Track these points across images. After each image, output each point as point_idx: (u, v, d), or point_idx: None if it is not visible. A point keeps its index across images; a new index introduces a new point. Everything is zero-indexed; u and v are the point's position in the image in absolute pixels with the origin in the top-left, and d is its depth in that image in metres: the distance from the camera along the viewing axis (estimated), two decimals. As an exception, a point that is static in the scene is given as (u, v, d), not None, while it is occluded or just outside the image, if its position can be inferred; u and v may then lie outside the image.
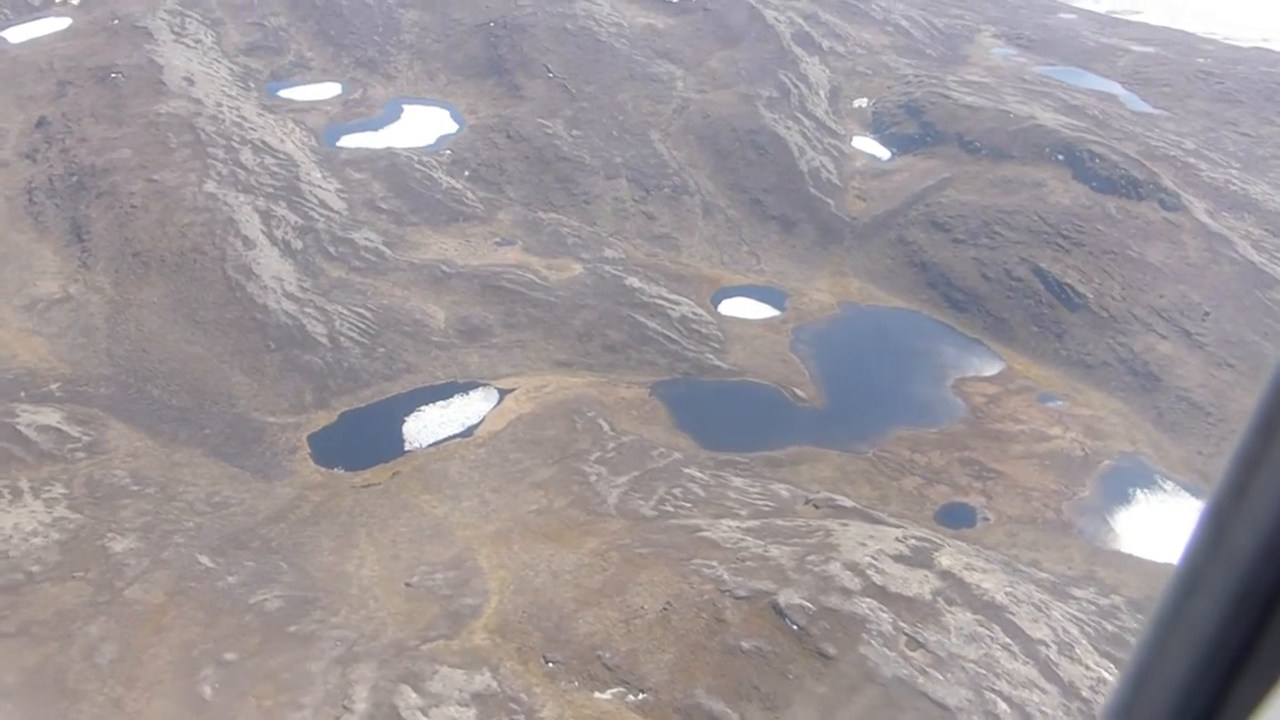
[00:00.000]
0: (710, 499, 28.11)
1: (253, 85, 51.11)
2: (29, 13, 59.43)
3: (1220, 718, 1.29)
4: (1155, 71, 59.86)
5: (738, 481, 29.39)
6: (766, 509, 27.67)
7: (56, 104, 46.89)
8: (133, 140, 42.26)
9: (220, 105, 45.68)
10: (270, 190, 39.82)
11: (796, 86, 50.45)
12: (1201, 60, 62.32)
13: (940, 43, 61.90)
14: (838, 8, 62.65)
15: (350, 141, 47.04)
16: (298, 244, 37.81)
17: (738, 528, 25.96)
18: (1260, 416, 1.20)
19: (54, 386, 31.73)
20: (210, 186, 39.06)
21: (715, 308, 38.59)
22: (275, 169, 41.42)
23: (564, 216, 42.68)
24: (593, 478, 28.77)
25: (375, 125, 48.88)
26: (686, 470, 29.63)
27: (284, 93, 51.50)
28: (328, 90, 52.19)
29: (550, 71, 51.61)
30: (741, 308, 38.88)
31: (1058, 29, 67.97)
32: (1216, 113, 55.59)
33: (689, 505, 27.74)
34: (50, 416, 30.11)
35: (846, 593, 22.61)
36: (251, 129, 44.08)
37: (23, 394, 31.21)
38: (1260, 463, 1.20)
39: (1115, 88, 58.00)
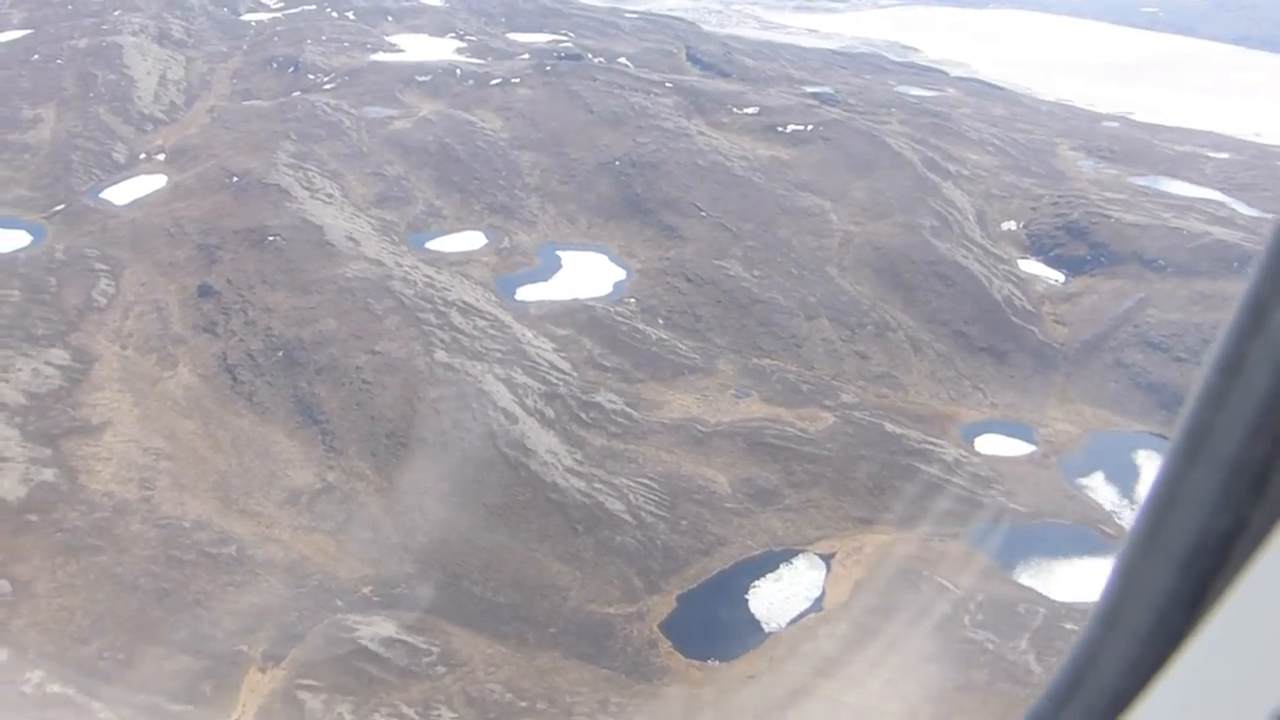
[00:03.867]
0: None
1: (396, 239, 50.84)
2: (117, 171, 58.62)
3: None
4: (1246, 177, 64.20)
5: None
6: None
7: (212, 271, 45.90)
8: (330, 309, 41.43)
9: (399, 265, 45.30)
10: (499, 355, 39.32)
11: (950, 213, 52.57)
12: (1279, 163, 67.22)
13: (1034, 159, 65.45)
14: (936, 130, 65.92)
15: (528, 294, 46.95)
16: (549, 412, 37.24)
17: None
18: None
19: (366, 591, 30.20)
20: (441, 356, 38.39)
21: (972, 446, 39.14)
22: (491, 331, 41.00)
23: (780, 362, 43.07)
24: (989, 645, 28.49)
25: (543, 275, 48.95)
26: (1064, 625, 29.60)
27: (430, 245, 51.32)
28: (472, 240, 52.23)
29: (702, 210, 52.72)
30: (994, 444, 39.51)
31: (1128, 139, 72.60)
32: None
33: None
34: (385, 627, 28.58)
35: None
36: (445, 289, 43.73)
37: (339, 603, 29.60)
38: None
39: (1217, 194, 61.89)
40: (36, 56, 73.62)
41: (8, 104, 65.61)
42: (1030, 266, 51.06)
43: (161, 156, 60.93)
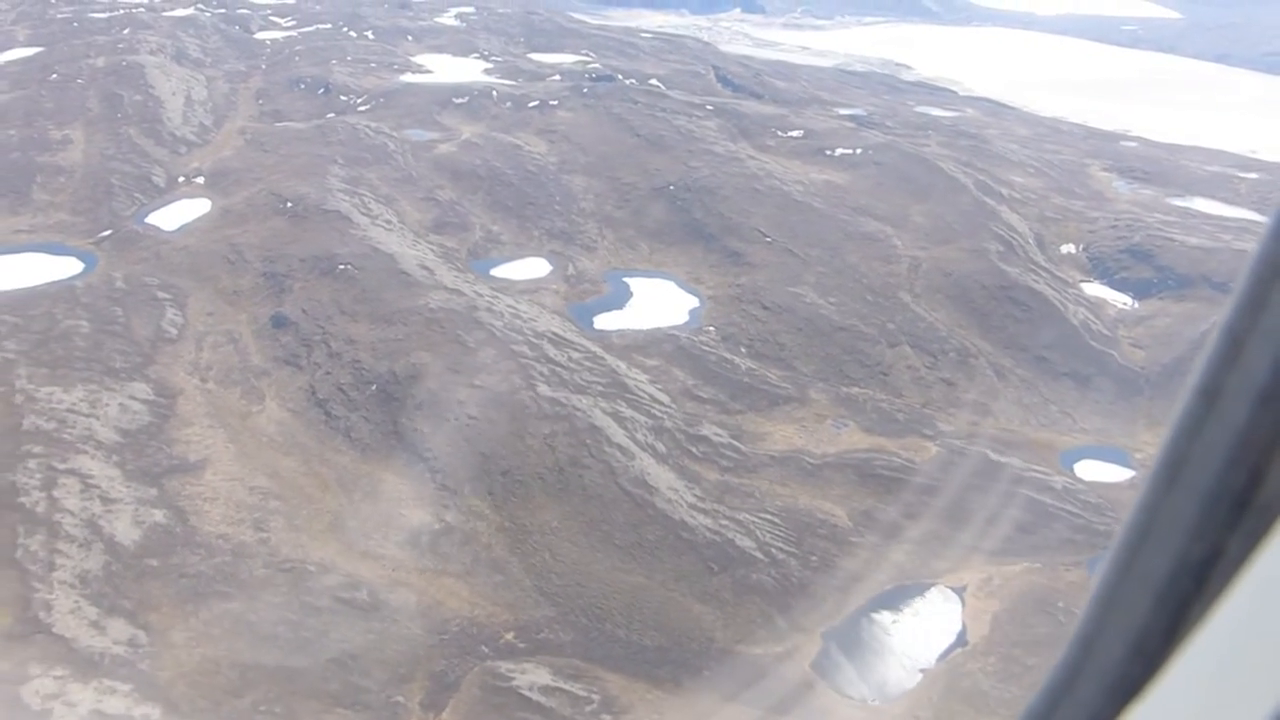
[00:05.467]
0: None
1: (460, 266, 50.32)
2: (158, 195, 57.57)
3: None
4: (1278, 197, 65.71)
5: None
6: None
7: (283, 300, 45.14)
8: (420, 341, 40.85)
9: (479, 294, 44.80)
10: (601, 389, 38.99)
11: (1012, 237, 53.16)
12: (1307, 184, 68.91)
13: (1073, 181, 66.48)
14: (975, 152, 66.72)
15: (605, 323, 46.63)
16: (660, 447, 36.97)
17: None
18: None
19: (510, 636, 29.66)
20: (545, 390, 37.96)
21: (1073, 473, 39.47)
22: (586, 363, 40.65)
23: (869, 390, 43.15)
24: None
25: (616, 304, 48.66)
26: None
27: (494, 272, 50.83)
28: (536, 267, 51.80)
29: (766, 236, 52.81)
30: (1094, 470, 39.87)
31: (1154, 159, 74.01)
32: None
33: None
34: (539, 674, 28.10)
35: None
36: (531, 319, 43.33)
37: (485, 649, 29.05)
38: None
39: (1255, 215, 63.25)
40: (55, 76, 72.08)
41: (34, 125, 64.15)
42: (1094, 290, 51.74)
43: (200, 180, 59.85)
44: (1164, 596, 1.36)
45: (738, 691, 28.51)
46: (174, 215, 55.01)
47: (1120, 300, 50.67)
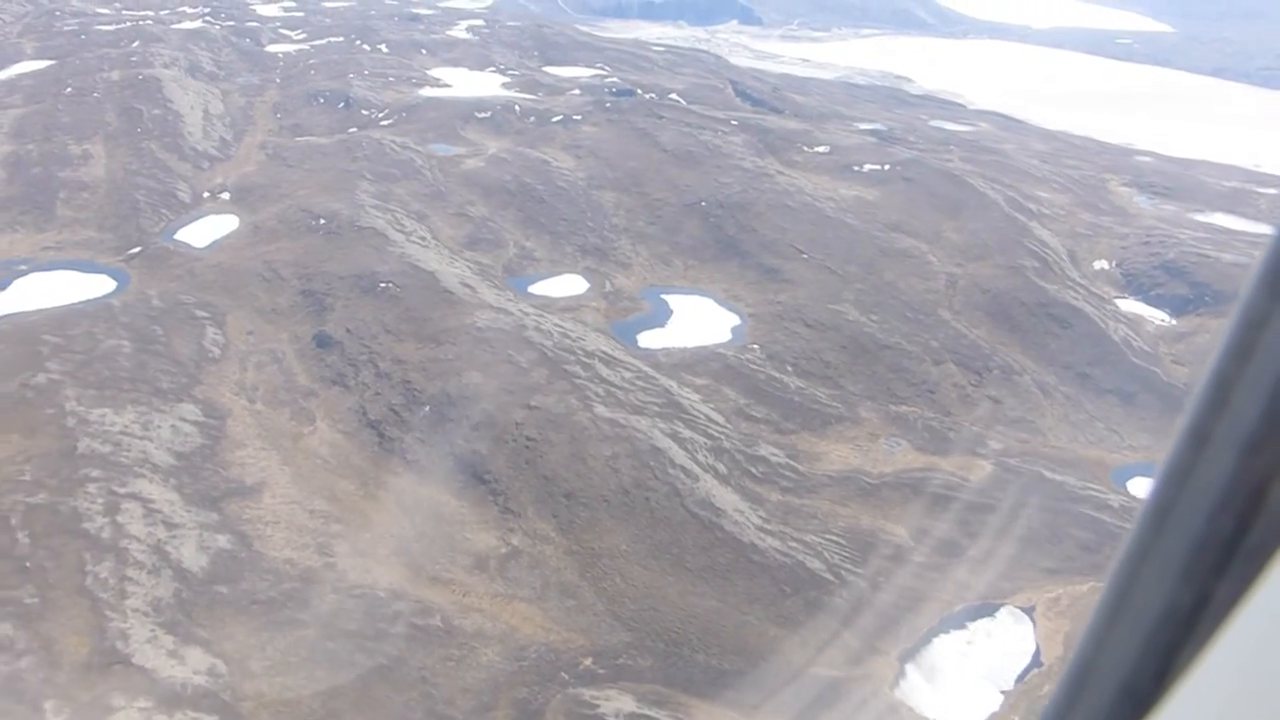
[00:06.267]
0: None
1: (497, 283, 50.23)
2: (184, 211, 57.26)
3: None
4: (1299, 214, 66.48)
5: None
6: None
7: (325, 319, 44.96)
8: (470, 360, 40.71)
9: (524, 313, 44.71)
10: (657, 409, 38.96)
11: (1047, 254, 53.55)
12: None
13: (1094, 196, 67.06)
14: (999, 167, 67.22)
15: (649, 341, 46.63)
16: (721, 468, 36.95)
17: None
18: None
19: (588, 662, 29.52)
20: (602, 410, 37.90)
21: (1127, 490, 39.71)
22: (639, 383, 40.62)
23: (918, 409, 43.31)
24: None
25: (658, 321, 48.69)
26: None
27: (531, 289, 50.77)
28: (572, 284, 51.79)
29: (803, 252, 52.99)
30: (1146, 488, 40.08)
31: (1170, 174, 74.78)
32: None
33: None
34: (624, 701, 27.97)
35: None
36: (579, 338, 43.28)
37: (565, 676, 28.89)
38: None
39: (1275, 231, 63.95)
40: (70, 90, 71.62)
41: (52, 140, 63.71)
42: (1129, 306, 52.16)
43: (225, 195, 59.58)
44: (1153, 641, 1.37)
45: (823, 716, 28.47)
46: (202, 231, 54.71)
47: (1157, 317, 51.09)
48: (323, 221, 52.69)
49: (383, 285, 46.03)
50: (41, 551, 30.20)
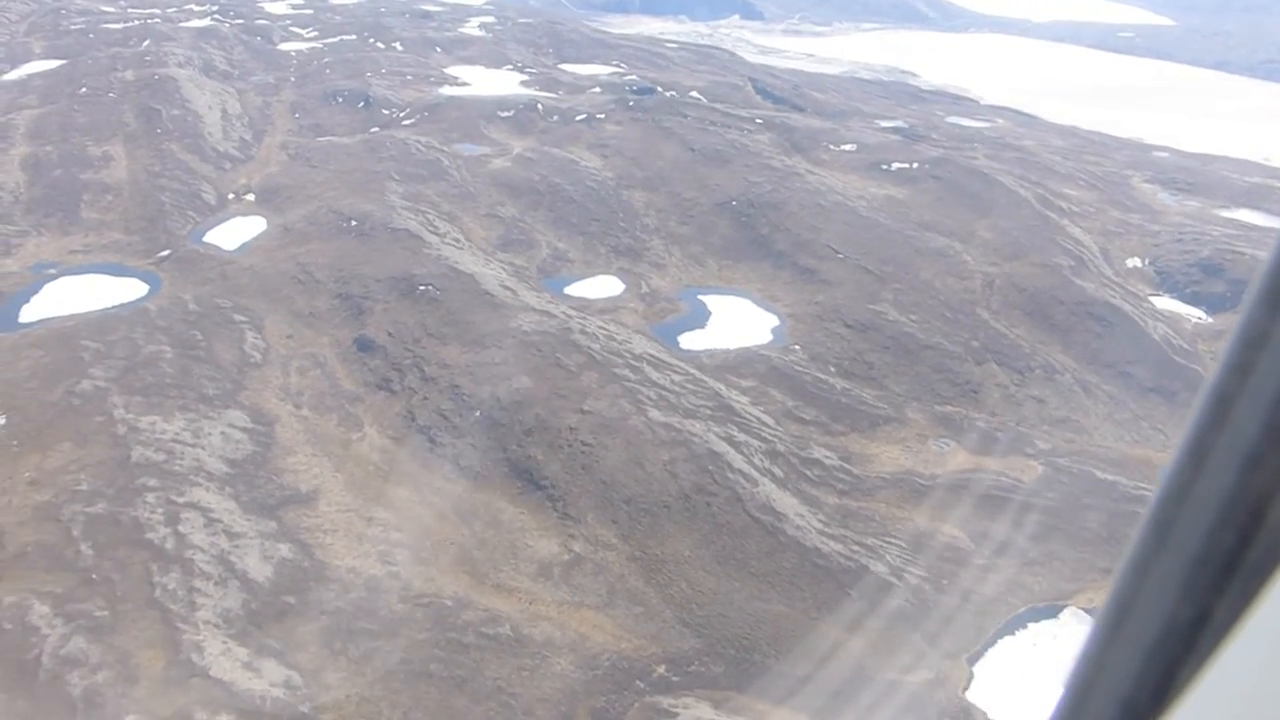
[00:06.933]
0: None
1: (534, 285, 50.12)
2: (210, 213, 56.96)
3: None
4: (1323, 210, 66.84)
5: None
6: None
7: (365, 323, 44.79)
8: (518, 364, 40.61)
9: (569, 315, 44.63)
10: (709, 412, 38.95)
11: (1081, 252, 53.70)
12: (1347, 195, 70.15)
13: (1119, 193, 67.27)
14: (1024, 164, 67.34)
15: (691, 343, 46.60)
16: (778, 471, 36.97)
17: None
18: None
19: (662, 670, 29.51)
20: (656, 415, 37.87)
21: (1177, 493, 39.86)
22: (689, 385, 40.60)
23: (964, 409, 43.40)
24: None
25: (698, 323, 48.65)
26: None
27: (568, 290, 50.68)
28: (608, 285, 51.72)
29: (838, 252, 53.02)
30: (1195, 490, 40.31)
31: (1191, 169, 75.06)
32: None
33: None
34: (702, 709, 27.98)
35: None
36: (625, 341, 43.22)
37: (640, 684, 28.89)
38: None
39: (1301, 228, 64.27)
40: (84, 90, 71.10)
41: (70, 141, 63.30)
42: (1165, 304, 52.36)
43: (250, 197, 59.32)
44: (1153, 657, 1.37)
45: (897, 718, 28.56)
46: (231, 234, 54.44)
47: (1194, 315, 51.31)
48: (354, 223, 52.47)
49: (421, 288, 45.88)
50: (107, 563, 30.06)
